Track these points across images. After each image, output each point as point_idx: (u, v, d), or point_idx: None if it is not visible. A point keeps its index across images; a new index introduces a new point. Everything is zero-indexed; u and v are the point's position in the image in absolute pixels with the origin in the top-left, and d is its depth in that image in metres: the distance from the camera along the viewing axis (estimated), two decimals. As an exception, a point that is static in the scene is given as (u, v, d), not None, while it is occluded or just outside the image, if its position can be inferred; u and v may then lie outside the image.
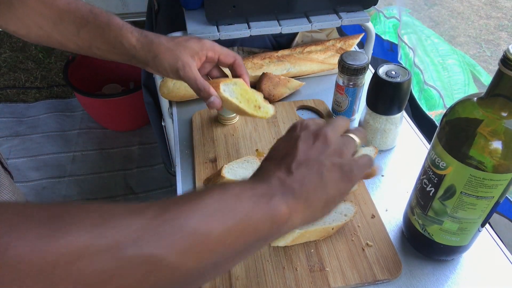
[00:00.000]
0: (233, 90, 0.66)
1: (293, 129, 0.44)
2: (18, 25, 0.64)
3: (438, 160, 0.51)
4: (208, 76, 0.71)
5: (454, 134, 0.49)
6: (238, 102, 0.66)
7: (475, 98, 0.48)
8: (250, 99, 0.68)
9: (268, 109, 0.69)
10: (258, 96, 0.69)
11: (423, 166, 0.56)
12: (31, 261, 0.24)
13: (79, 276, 0.26)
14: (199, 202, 0.33)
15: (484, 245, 0.63)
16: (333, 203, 0.40)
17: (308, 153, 0.40)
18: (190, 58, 0.63)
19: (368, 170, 0.44)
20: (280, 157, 0.41)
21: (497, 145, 0.45)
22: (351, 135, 0.45)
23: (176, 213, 0.31)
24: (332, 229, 0.61)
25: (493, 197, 0.49)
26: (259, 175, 0.40)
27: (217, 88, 0.64)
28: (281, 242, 0.60)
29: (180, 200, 0.33)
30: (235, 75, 0.69)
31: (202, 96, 0.64)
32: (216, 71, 0.71)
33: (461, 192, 0.50)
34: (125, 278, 0.27)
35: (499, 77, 0.43)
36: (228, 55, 0.67)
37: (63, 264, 0.25)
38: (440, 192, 0.52)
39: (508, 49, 0.41)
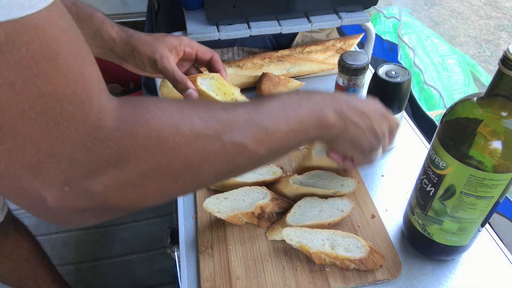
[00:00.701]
0: (210, 84, 0.68)
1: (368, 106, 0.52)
2: None
3: (438, 160, 0.51)
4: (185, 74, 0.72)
5: (454, 134, 0.49)
6: (215, 95, 0.67)
7: (475, 98, 0.48)
8: (227, 92, 0.69)
9: (244, 100, 0.70)
10: (235, 90, 0.71)
11: (423, 166, 0.56)
12: (167, 137, 0.33)
13: (196, 154, 0.35)
14: (271, 105, 0.42)
15: (484, 245, 0.63)
16: (355, 146, 0.51)
17: (367, 111, 0.50)
18: (168, 51, 0.65)
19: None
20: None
21: (497, 145, 0.45)
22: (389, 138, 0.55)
23: (255, 114, 0.40)
24: (329, 224, 0.61)
25: (493, 197, 0.49)
26: (321, 92, 0.49)
27: (194, 81, 0.65)
28: (278, 236, 0.61)
29: (259, 102, 0.42)
30: (213, 71, 0.70)
31: (180, 88, 0.64)
32: (194, 70, 0.72)
33: (461, 192, 0.50)
34: (223, 157, 0.37)
35: (499, 77, 0.43)
36: (206, 51, 0.69)
37: (184, 146, 0.34)
38: (440, 192, 0.52)
39: (508, 49, 0.41)
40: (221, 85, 0.68)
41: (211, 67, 0.71)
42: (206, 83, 0.67)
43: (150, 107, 0.34)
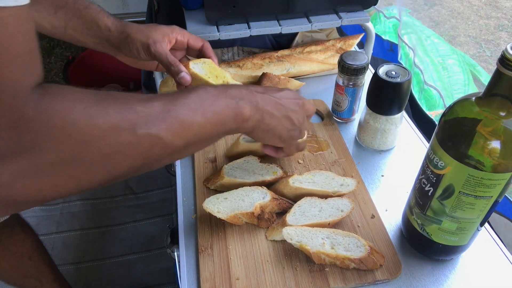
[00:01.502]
0: (202, 68, 0.69)
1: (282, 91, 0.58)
2: None
3: (437, 159, 0.51)
4: None
5: (452, 133, 0.49)
6: (207, 78, 0.68)
7: (474, 98, 0.48)
8: (218, 75, 0.71)
9: (236, 84, 0.71)
10: (226, 74, 0.72)
11: (422, 166, 0.56)
12: (82, 129, 0.34)
13: (110, 146, 0.36)
14: (188, 98, 0.44)
15: (484, 245, 0.63)
16: (273, 135, 0.56)
17: (282, 101, 0.55)
18: (161, 37, 0.67)
19: (298, 141, 0.62)
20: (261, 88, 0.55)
21: (495, 144, 0.45)
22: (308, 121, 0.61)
23: (171, 106, 0.41)
24: (329, 224, 0.61)
25: (492, 196, 0.49)
26: (238, 86, 0.52)
27: (186, 66, 0.66)
28: (278, 236, 0.61)
29: (175, 95, 0.43)
30: (204, 57, 0.72)
31: (172, 72, 0.66)
32: (185, 60, 0.73)
33: (459, 192, 0.50)
34: (137, 149, 0.38)
35: (497, 76, 0.43)
36: (197, 39, 0.72)
37: (96, 138, 0.35)
38: (439, 191, 0.52)
39: (506, 49, 0.41)
40: (212, 69, 0.70)
41: (203, 55, 0.73)
42: (198, 67, 0.68)
43: (68, 98, 0.35)
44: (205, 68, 0.69)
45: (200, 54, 0.73)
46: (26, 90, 0.32)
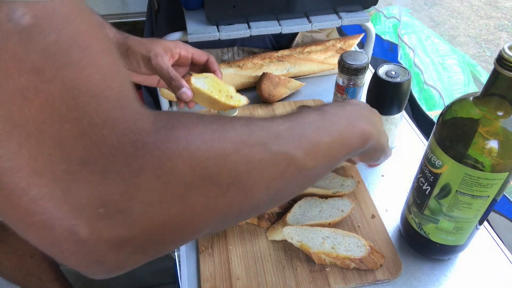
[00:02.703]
0: (205, 82, 0.67)
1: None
2: None
3: (434, 158, 0.51)
4: None
5: (449, 133, 0.49)
6: (209, 92, 0.66)
7: (471, 98, 0.48)
8: (222, 90, 0.68)
9: (241, 99, 0.69)
10: (229, 88, 0.70)
11: (420, 165, 0.56)
12: (215, 146, 0.30)
13: (245, 162, 0.32)
14: (306, 117, 0.41)
15: (484, 245, 0.63)
16: (381, 151, 0.52)
17: (377, 114, 0.53)
18: (163, 51, 0.65)
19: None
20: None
21: (493, 144, 0.45)
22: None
23: (294, 124, 0.38)
24: (329, 224, 0.61)
25: (488, 196, 0.49)
26: (349, 103, 0.49)
27: (188, 81, 0.64)
28: (279, 236, 0.61)
29: (288, 115, 0.40)
30: (209, 72, 0.70)
31: (173, 86, 0.64)
32: (189, 76, 0.71)
33: (456, 191, 0.50)
34: (273, 167, 0.34)
35: (494, 76, 0.43)
36: (202, 54, 0.69)
37: (230, 153, 0.31)
38: (436, 190, 0.52)
39: (503, 49, 0.41)
40: (216, 83, 0.68)
41: (207, 70, 0.71)
42: (201, 82, 0.66)
43: (187, 122, 0.30)
44: (207, 83, 0.67)
45: (204, 68, 0.71)
46: (136, 101, 0.27)
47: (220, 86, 0.68)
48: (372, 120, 0.48)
